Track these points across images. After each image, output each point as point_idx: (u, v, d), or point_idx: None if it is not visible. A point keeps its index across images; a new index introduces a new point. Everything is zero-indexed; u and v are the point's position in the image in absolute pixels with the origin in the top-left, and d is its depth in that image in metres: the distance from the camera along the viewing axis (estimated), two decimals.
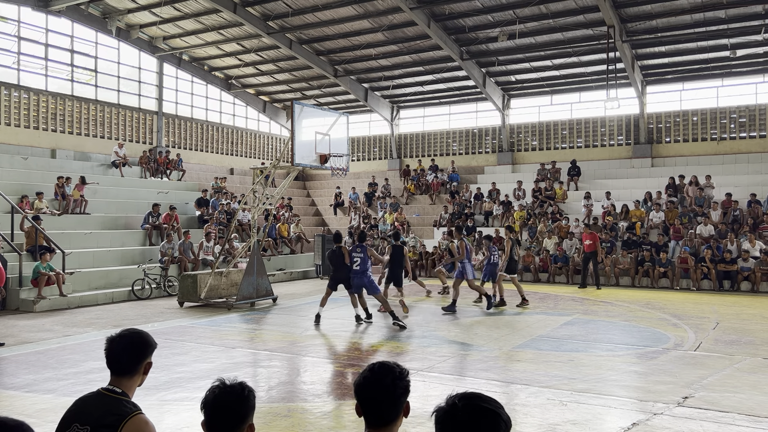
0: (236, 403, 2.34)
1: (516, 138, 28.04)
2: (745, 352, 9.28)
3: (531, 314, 13.24)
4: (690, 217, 20.18)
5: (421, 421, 5.94)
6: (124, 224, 19.41)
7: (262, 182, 15.53)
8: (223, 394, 2.34)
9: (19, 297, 14.10)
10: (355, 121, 28.87)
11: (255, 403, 2.42)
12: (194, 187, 24.28)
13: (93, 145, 23.74)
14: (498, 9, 21.06)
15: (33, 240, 15.22)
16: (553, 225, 21.47)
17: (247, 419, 2.37)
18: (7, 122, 21.27)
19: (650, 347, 9.70)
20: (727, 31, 20.90)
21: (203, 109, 28.91)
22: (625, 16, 20.88)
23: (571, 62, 24.36)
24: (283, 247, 22.44)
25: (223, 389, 2.35)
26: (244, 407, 2.36)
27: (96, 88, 24.27)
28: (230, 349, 9.71)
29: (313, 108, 16.41)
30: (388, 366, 2.26)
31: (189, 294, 14.73)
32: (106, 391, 2.67)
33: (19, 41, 21.72)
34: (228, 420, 2.33)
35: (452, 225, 23.49)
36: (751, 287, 17.23)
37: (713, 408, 6.54)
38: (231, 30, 24.44)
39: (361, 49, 24.95)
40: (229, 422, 2.34)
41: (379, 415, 2.20)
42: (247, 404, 2.37)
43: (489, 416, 1.81)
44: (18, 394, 7.21)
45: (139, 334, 2.81)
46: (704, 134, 24.35)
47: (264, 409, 6.64)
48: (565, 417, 6.25)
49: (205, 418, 2.35)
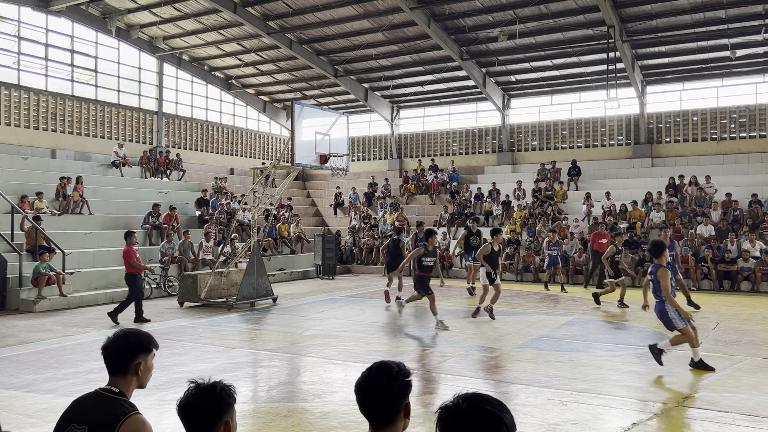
0: (207, 403, 2.36)
1: (516, 138, 28.04)
2: (745, 352, 9.28)
3: (531, 314, 13.24)
4: (690, 217, 20.18)
5: (421, 422, 5.94)
6: (124, 224, 19.39)
7: (262, 182, 15.53)
8: (196, 395, 2.36)
9: (19, 297, 14.11)
10: (355, 121, 28.86)
11: (233, 401, 2.42)
12: (194, 187, 24.28)
13: (93, 145, 23.74)
14: (498, 9, 21.06)
15: (33, 240, 15.22)
16: (552, 225, 21.46)
17: (221, 417, 2.37)
18: (7, 122, 21.27)
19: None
20: (727, 31, 20.90)
21: (203, 109, 28.91)
22: (625, 16, 20.88)
23: (571, 62, 24.36)
24: (283, 247, 22.44)
25: (196, 390, 2.37)
26: (216, 406, 2.37)
27: (96, 88, 24.26)
28: (230, 349, 9.71)
29: (313, 108, 16.41)
30: (387, 366, 2.26)
31: (189, 294, 14.73)
32: (104, 391, 2.67)
33: (19, 41, 21.72)
34: (201, 420, 2.35)
35: (461, 223, 23.51)
36: (751, 287, 17.23)
37: (713, 408, 6.54)
38: (231, 30, 24.44)
39: (361, 49, 24.95)
40: (202, 422, 2.35)
41: (376, 415, 2.21)
42: (219, 403, 2.37)
43: (491, 419, 1.80)
44: (18, 394, 7.20)
45: (132, 333, 2.80)
46: (704, 134, 24.35)
47: (264, 409, 6.65)
48: (565, 417, 6.25)
49: (181, 420, 2.37)
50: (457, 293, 16.63)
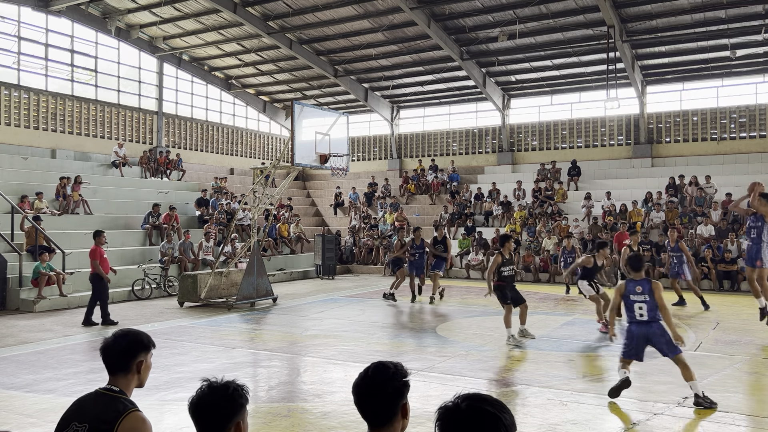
0: (221, 403, 2.33)
1: (516, 138, 28.04)
2: (745, 352, 9.28)
3: (531, 314, 13.19)
4: (690, 217, 20.18)
5: (421, 421, 5.94)
6: (124, 224, 19.41)
7: (262, 182, 15.53)
8: (208, 394, 2.34)
9: (19, 297, 14.11)
10: (355, 121, 28.85)
11: (245, 402, 2.40)
12: (194, 187, 24.27)
13: (93, 145, 23.74)
14: (498, 9, 21.06)
15: (33, 240, 15.22)
16: (552, 225, 21.47)
17: (234, 418, 2.35)
18: (7, 122, 21.27)
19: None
20: (727, 31, 20.90)
21: (203, 109, 28.90)
22: (625, 16, 20.88)
23: (571, 62, 24.36)
24: (283, 247, 22.44)
25: (208, 389, 2.34)
26: (229, 406, 2.35)
27: (96, 88, 24.26)
28: (230, 349, 9.71)
29: (313, 108, 16.42)
30: (384, 366, 2.25)
31: (189, 294, 14.73)
32: (104, 391, 2.69)
33: (19, 41, 21.72)
34: (214, 420, 2.33)
35: (457, 224, 23.51)
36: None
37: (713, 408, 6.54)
38: (231, 30, 24.44)
39: (361, 49, 24.95)
40: (215, 422, 2.33)
41: (373, 415, 2.21)
42: (232, 403, 2.35)
43: (490, 419, 1.80)
44: (18, 394, 7.21)
45: (131, 332, 2.81)
46: (704, 134, 24.34)
47: (264, 409, 6.65)
48: (565, 417, 6.25)
49: (192, 419, 2.34)
50: (457, 293, 16.63)
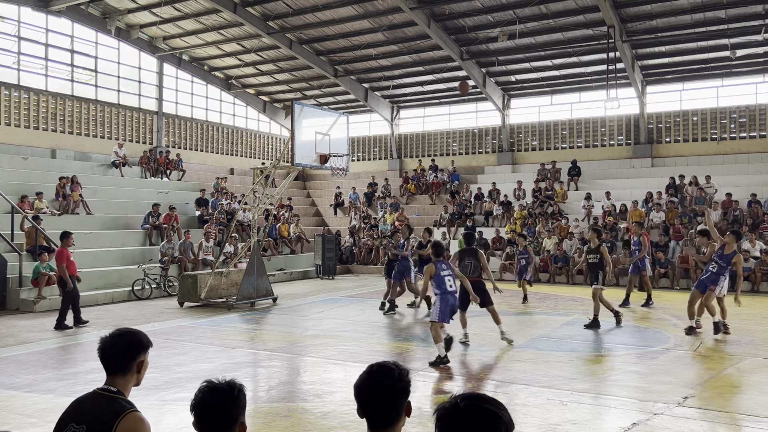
0: (226, 404, 2.31)
1: (516, 138, 28.04)
2: (745, 352, 9.28)
3: (531, 314, 13.24)
4: (690, 217, 20.18)
5: (421, 421, 5.94)
6: (124, 224, 19.42)
7: (262, 182, 15.53)
8: (212, 394, 2.31)
9: (19, 297, 14.12)
10: (355, 121, 28.85)
11: (246, 402, 2.39)
12: (194, 187, 24.28)
13: (93, 145, 23.74)
14: (498, 9, 21.06)
15: (33, 240, 15.23)
16: (553, 225, 21.46)
17: (238, 419, 2.34)
18: (7, 122, 21.27)
19: (650, 347, 9.70)
20: (727, 31, 20.90)
21: (203, 109, 28.90)
22: (625, 16, 20.88)
23: (571, 62, 24.36)
24: (283, 247, 22.44)
25: (212, 390, 2.32)
26: (234, 407, 2.33)
27: (96, 88, 24.26)
28: (230, 349, 9.71)
29: (313, 108, 16.41)
30: (387, 367, 2.25)
31: (189, 294, 14.73)
32: (102, 391, 2.68)
33: (19, 41, 21.72)
34: (218, 421, 2.30)
35: (461, 223, 23.49)
36: (751, 287, 17.22)
37: (713, 408, 6.55)
38: (231, 30, 24.44)
39: (361, 49, 24.95)
40: (219, 423, 2.30)
41: (380, 417, 2.20)
42: (237, 404, 2.33)
43: (489, 417, 1.80)
44: (18, 394, 7.21)
45: (130, 332, 2.80)
46: (704, 134, 24.34)
47: (264, 409, 6.65)
48: (565, 417, 6.25)
49: (194, 419, 2.32)
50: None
